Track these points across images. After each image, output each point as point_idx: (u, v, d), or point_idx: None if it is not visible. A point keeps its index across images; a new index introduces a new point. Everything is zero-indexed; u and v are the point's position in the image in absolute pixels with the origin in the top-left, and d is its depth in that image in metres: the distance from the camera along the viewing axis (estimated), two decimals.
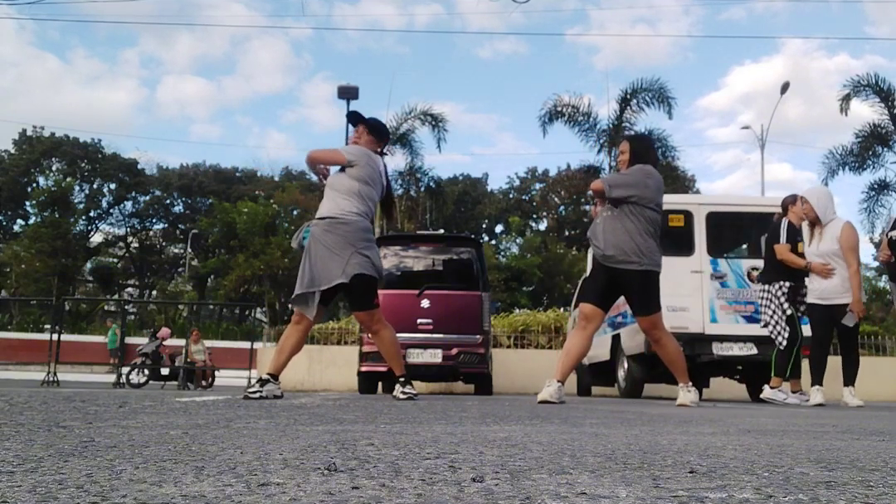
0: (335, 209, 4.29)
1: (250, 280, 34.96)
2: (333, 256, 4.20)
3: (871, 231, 21.06)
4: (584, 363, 9.73)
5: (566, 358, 4.62)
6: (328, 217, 4.30)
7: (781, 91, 21.85)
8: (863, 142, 20.41)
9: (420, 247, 8.84)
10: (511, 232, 43.00)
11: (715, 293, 7.27)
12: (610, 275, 4.58)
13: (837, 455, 1.56)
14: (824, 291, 5.75)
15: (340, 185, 4.35)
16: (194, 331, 14.36)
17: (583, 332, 4.63)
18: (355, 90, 19.09)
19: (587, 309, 4.63)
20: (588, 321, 4.62)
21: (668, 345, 4.68)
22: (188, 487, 0.95)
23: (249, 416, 2.51)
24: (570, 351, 4.62)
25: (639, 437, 1.90)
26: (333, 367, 11.72)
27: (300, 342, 4.41)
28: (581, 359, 4.88)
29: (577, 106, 20.44)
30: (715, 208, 7.65)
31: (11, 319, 30.38)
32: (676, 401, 4.76)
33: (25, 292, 33.80)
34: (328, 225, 4.27)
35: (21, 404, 2.86)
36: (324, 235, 4.25)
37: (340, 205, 4.29)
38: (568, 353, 4.63)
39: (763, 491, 1.01)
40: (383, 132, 4.76)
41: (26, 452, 1.30)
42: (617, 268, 4.52)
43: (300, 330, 4.37)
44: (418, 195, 24.05)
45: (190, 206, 45.08)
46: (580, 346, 4.63)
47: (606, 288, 4.66)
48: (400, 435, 1.82)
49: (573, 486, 1.02)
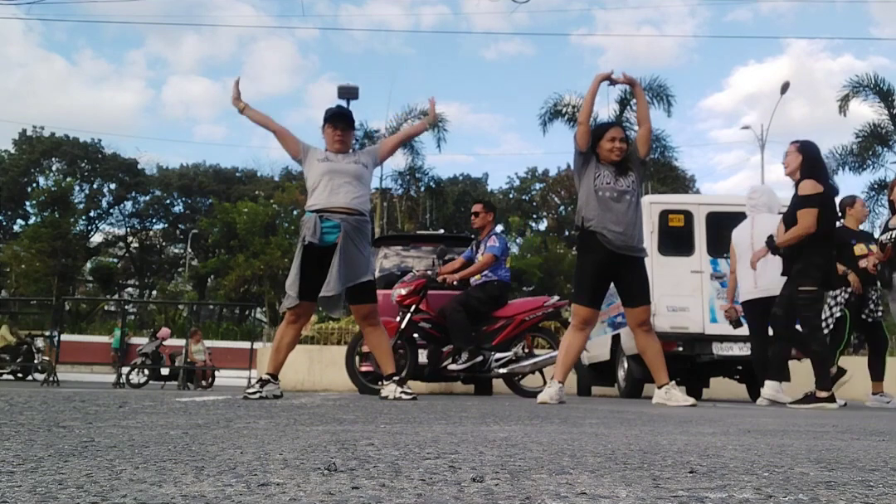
0: (363, 203, 4.38)
1: (250, 280, 34.96)
2: (359, 255, 4.28)
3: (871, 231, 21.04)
4: (584, 363, 9.74)
5: (565, 358, 4.61)
6: (357, 213, 4.33)
7: (781, 91, 21.87)
8: (863, 142, 20.42)
9: (420, 247, 8.83)
10: (511, 232, 43.00)
11: (715, 293, 7.27)
12: (611, 264, 4.49)
13: (837, 455, 1.56)
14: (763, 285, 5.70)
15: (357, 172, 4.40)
16: (195, 331, 14.36)
17: (581, 333, 4.61)
18: (355, 90, 19.09)
19: (583, 311, 4.57)
20: (585, 323, 4.60)
21: (656, 340, 4.68)
22: (188, 487, 0.95)
23: (249, 416, 2.51)
24: (569, 351, 4.61)
25: (639, 437, 1.90)
26: (333, 367, 11.69)
27: (295, 340, 4.44)
28: (578, 357, 4.88)
29: (577, 106, 20.44)
30: (715, 208, 7.64)
31: None
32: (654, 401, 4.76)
33: (25, 292, 33.79)
34: (358, 223, 4.32)
35: (21, 404, 2.86)
36: (356, 234, 4.29)
37: (364, 198, 4.40)
38: (567, 353, 4.62)
39: (763, 491, 1.01)
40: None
41: (26, 452, 1.30)
42: (628, 255, 4.49)
43: (296, 328, 4.38)
44: (418, 195, 24.06)
45: (190, 206, 45.08)
46: (578, 346, 4.63)
47: (601, 284, 4.61)
48: (400, 435, 1.81)
49: (573, 486, 1.02)
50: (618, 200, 4.49)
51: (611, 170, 4.56)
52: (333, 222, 4.27)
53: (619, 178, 4.54)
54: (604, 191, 4.51)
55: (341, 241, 4.23)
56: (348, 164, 4.41)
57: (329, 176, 4.34)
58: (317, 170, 4.38)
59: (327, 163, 4.39)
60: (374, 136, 21.61)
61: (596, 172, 4.56)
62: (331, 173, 4.35)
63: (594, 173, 4.55)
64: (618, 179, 4.53)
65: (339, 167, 4.38)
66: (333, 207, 4.30)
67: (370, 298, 4.41)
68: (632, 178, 4.57)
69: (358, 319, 4.52)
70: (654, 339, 4.65)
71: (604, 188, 4.51)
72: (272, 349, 4.48)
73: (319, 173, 4.37)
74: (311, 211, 4.36)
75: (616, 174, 4.54)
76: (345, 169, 4.38)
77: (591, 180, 4.55)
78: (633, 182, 4.57)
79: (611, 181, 4.52)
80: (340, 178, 4.34)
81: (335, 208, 4.30)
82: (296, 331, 4.39)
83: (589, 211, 4.54)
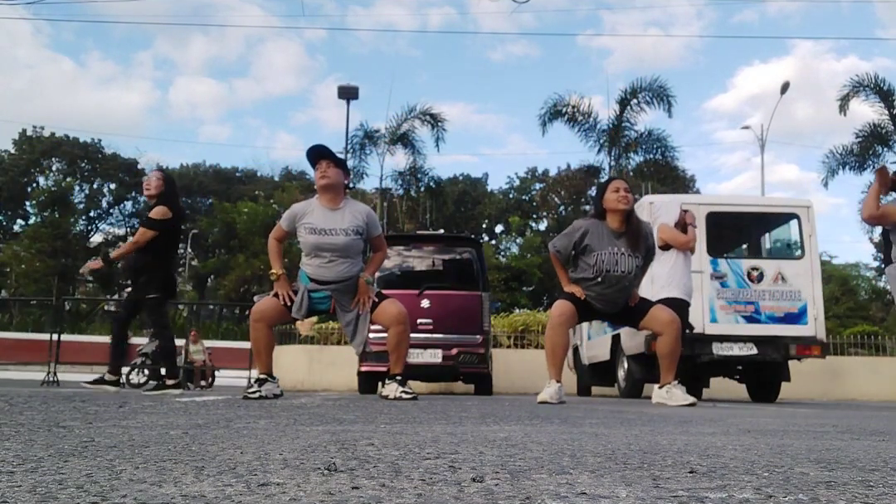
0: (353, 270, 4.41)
1: (250, 280, 34.97)
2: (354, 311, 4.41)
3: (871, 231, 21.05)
4: (585, 363, 9.75)
5: (554, 357, 4.57)
6: (344, 280, 4.37)
7: (781, 91, 21.86)
8: (863, 142, 20.41)
9: (420, 247, 8.84)
10: (511, 232, 43.00)
11: (715, 293, 7.27)
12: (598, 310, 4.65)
13: (837, 455, 1.56)
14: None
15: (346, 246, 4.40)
16: (192, 331, 14.35)
17: (561, 328, 4.58)
18: (355, 90, 19.11)
19: (563, 305, 4.57)
20: (563, 315, 4.57)
21: (679, 342, 4.73)
22: (188, 487, 0.95)
23: (249, 416, 2.51)
24: (556, 349, 4.57)
25: (639, 437, 1.90)
26: (333, 367, 11.72)
27: (272, 336, 4.46)
28: (567, 352, 4.87)
29: (577, 106, 20.44)
30: (715, 208, 7.65)
31: (11, 319, 30.36)
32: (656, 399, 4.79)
33: (25, 292, 33.79)
34: (347, 287, 4.39)
35: (21, 404, 2.86)
36: (345, 298, 4.40)
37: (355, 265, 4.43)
38: (554, 352, 4.57)
39: (763, 491, 1.01)
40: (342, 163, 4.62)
41: (26, 452, 1.30)
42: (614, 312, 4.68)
43: (264, 326, 4.34)
44: (418, 195, 24.05)
45: (190, 206, 45.06)
46: (563, 341, 4.63)
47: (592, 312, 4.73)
48: (400, 435, 1.81)
49: (573, 486, 1.02)
50: (619, 280, 4.49)
51: (621, 244, 4.49)
52: (324, 293, 4.37)
53: (629, 254, 4.48)
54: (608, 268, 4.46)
55: (336, 309, 4.38)
56: (337, 238, 4.29)
57: (318, 250, 4.32)
58: (306, 241, 4.35)
59: (315, 236, 4.30)
60: (374, 135, 21.60)
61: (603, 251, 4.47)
62: (320, 248, 4.31)
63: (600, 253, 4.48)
64: (627, 254, 4.47)
65: (327, 242, 4.29)
66: (324, 280, 4.35)
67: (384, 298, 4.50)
68: (638, 260, 4.52)
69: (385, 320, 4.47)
70: (678, 343, 4.67)
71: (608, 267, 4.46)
72: (254, 354, 4.46)
73: (309, 246, 4.34)
74: (304, 274, 4.41)
75: (626, 249, 4.48)
76: (334, 244, 4.29)
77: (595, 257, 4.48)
78: (637, 262, 4.52)
79: (618, 258, 4.46)
80: (330, 253, 4.31)
81: (326, 280, 4.35)
82: (265, 328, 4.35)
83: (587, 275, 4.52)
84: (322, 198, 4.40)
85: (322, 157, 4.39)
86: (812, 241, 7.50)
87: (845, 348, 13.34)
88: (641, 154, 20.88)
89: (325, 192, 4.38)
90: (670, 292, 5.96)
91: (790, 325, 7.23)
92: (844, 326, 21.27)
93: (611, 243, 4.47)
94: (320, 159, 4.39)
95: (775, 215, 8.13)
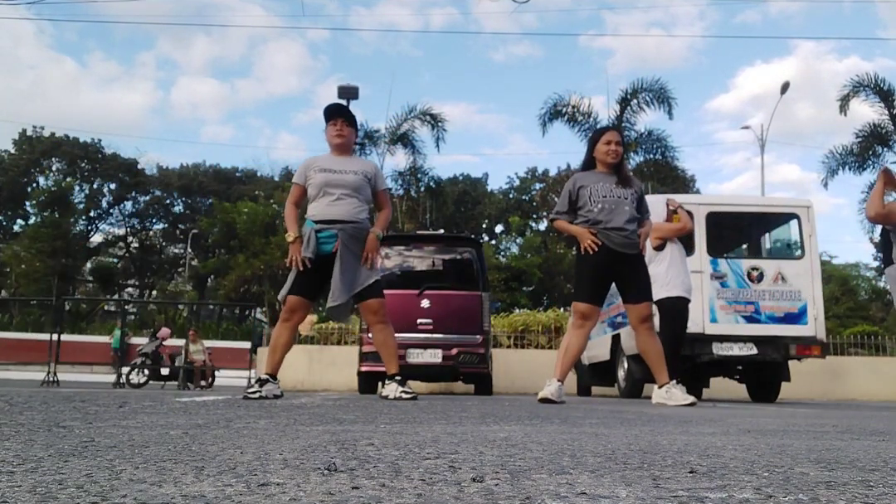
0: (361, 213, 4.40)
1: (250, 280, 34.95)
2: (358, 261, 4.34)
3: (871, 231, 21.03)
4: (584, 363, 9.74)
5: (565, 357, 4.63)
6: (355, 221, 4.35)
7: (781, 91, 21.87)
8: (863, 142, 20.40)
9: (420, 247, 8.84)
10: (511, 232, 42.98)
11: (715, 293, 7.27)
12: (612, 262, 4.55)
13: (837, 455, 1.56)
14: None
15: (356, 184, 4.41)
16: (191, 331, 14.36)
17: (580, 331, 4.63)
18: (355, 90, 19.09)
19: (583, 307, 4.61)
20: (585, 319, 4.62)
21: (657, 339, 4.71)
22: (188, 487, 0.95)
23: (249, 416, 2.51)
24: (569, 349, 4.63)
25: (639, 437, 1.90)
26: (333, 367, 11.72)
27: (291, 339, 4.47)
28: (579, 356, 4.90)
29: (577, 106, 20.43)
30: (715, 208, 7.65)
31: (11, 319, 30.37)
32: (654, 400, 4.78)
33: (25, 292, 33.80)
34: (355, 230, 4.35)
35: (21, 404, 2.86)
36: (353, 242, 4.32)
37: (363, 209, 4.42)
38: (567, 351, 4.64)
39: (763, 491, 1.01)
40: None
41: (26, 452, 1.30)
42: (629, 253, 4.55)
43: (290, 328, 4.39)
44: (418, 195, 24.05)
45: (190, 206, 45.08)
46: (578, 344, 4.64)
47: (603, 282, 4.66)
48: (400, 435, 1.81)
49: (573, 486, 1.02)
50: (617, 205, 4.55)
51: (611, 180, 4.62)
52: (330, 232, 4.32)
53: (621, 187, 4.61)
54: (604, 194, 4.57)
55: (339, 249, 4.29)
56: (347, 176, 4.39)
57: (328, 187, 4.36)
58: (315, 181, 4.39)
59: (325, 174, 4.39)
60: (374, 135, 21.59)
61: (595, 185, 4.61)
62: (329, 185, 4.36)
63: (592, 186, 4.61)
64: (619, 187, 4.61)
65: (337, 179, 4.37)
66: (331, 218, 4.34)
67: (378, 294, 4.44)
68: (631, 191, 4.63)
69: (367, 315, 4.52)
70: (655, 339, 4.68)
71: (604, 193, 4.58)
72: (269, 349, 4.50)
73: (318, 185, 4.38)
74: (310, 220, 4.40)
75: (617, 184, 4.62)
76: (343, 181, 4.38)
77: (588, 191, 4.61)
78: (632, 194, 4.62)
79: (612, 189, 4.60)
80: (339, 189, 4.35)
81: (333, 219, 4.34)
82: (291, 329, 4.39)
83: (588, 212, 4.59)
84: (334, 153, 4.56)
85: (339, 115, 4.55)
86: (812, 241, 7.50)
87: (845, 348, 13.34)
88: (641, 154, 20.87)
89: (337, 150, 4.54)
90: (670, 291, 5.97)
91: (790, 325, 7.23)
92: (844, 326, 21.28)
93: (601, 179, 4.63)
94: (338, 116, 4.53)
95: (775, 215, 8.13)
